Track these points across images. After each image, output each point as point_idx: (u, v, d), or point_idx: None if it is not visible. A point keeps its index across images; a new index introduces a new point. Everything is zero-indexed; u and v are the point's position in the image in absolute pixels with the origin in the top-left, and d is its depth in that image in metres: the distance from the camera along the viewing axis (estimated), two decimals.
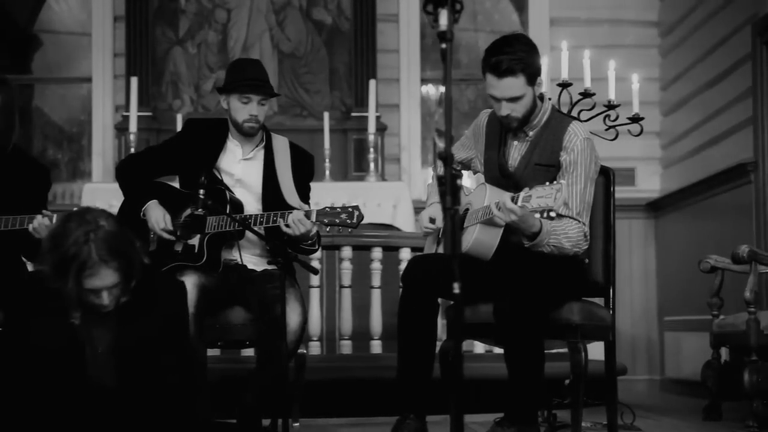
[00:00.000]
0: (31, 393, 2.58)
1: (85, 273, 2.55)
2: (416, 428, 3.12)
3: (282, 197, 3.56)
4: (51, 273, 2.57)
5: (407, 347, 3.17)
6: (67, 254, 2.54)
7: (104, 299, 2.60)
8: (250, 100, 3.60)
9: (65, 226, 2.58)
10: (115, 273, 2.58)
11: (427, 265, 3.21)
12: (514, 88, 3.15)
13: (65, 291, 2.56)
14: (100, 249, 2.55)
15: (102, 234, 2.56)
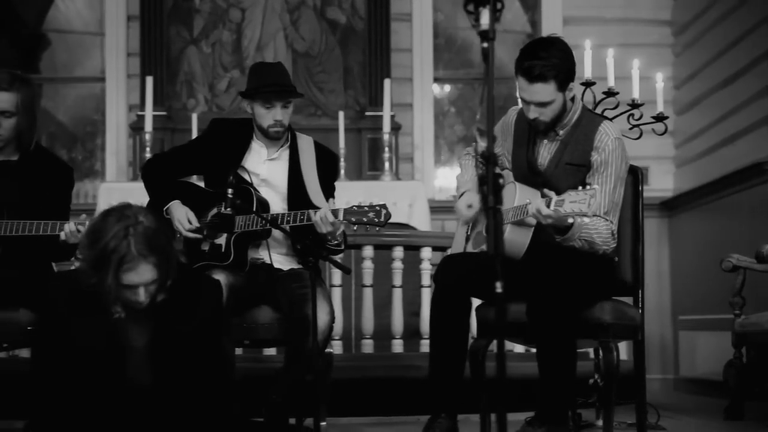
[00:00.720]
0: (71, 392, 2.58)
1: (124, 268, 2.56)
2: (448, 428, 3.12)
3: (308, 197, 3.56)
4: (89, 268, 2.58)
5: (439, 346, 3.17)
6: (107, 249, 2.55)
7: (141, 296, 2.61)
8: (273, 105, 3.60)
9: (105, 221, 2.59)
10: (153, 269, 2.58)
11: (460, 264, 3.22)
12: (544, 94, 3.14)
13: (103, 286, 2.56)
14: (138, 244, 2.55)
15: (141, 229, 2.57)
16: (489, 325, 3.25)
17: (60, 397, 2.60)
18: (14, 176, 3.60)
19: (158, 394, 2.66)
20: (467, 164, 3.55)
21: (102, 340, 2.58)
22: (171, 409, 2.67)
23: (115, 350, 2.59)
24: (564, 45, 3.21)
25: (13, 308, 3.53)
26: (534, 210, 2.96)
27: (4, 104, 3.49)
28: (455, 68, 8.12)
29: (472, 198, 3.34)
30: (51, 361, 2.62)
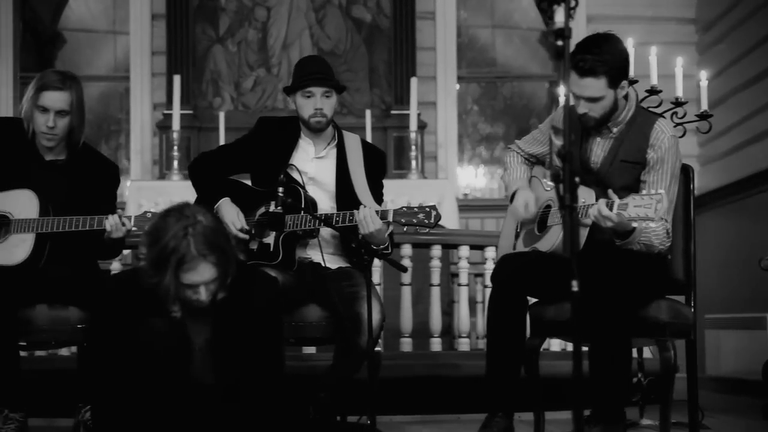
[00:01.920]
0: (136, 392, 2.59)
1: (184, 267, 2.56)
2: (504, 427, 3.12)
3: (356, 196, 3.56)
4: (150, 268, 2.59)
5: (496, 346, 3.17)
6: (166, 249, 2.55)
7: (201, 294, 2.61)
8: (312, 94, 3.60)
9: (164, 221, 2.60)
10: (212, 268, 2.59)
11: (516, 263, 3.21)
12: (593, 89, 3.13)
13: (163, 286, 2.57)
14: (198, 243, 2.56)
15: (200, 228, 2.58)
16: (543, 324, 3.25)
17: (124, 397, 2.60)
18: (63, 175, 3.61)
19: (219, 392, 2.67)
20: (513, 162, 3.54)
21: (167, 340, 2.59)
22: (232, 406, 2.67)
23: (180, 349, 2.60)
24: (618, 42, 3.20)
25: (63, 306, 3.55)
26: (596, 213, 2.96)
27: (60, 103, 3.50)
28: (478, 66, 8.12)
29: (527, 196, 3.34)
30: (114, 361, 2.62)
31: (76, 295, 3.53)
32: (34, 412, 3.62)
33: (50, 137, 3.54)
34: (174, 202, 6.03)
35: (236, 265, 2.67)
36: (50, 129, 3.51)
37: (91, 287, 3.49)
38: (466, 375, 4.42)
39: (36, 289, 3.50)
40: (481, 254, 4.67)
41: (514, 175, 3.48)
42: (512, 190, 3.41)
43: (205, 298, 2.63)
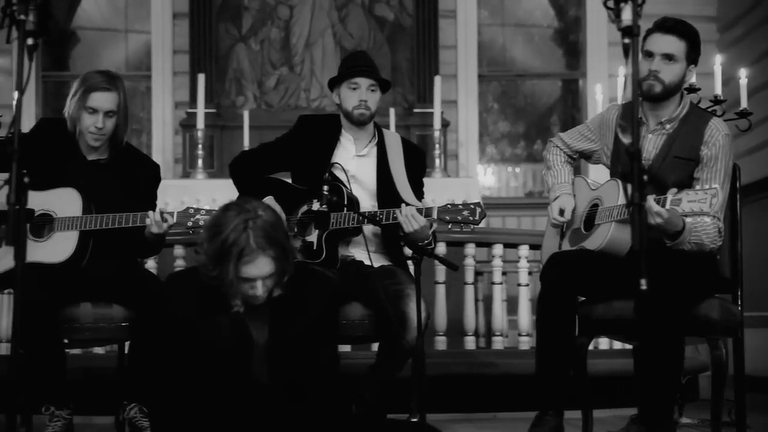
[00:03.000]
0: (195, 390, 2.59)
1: (243, 260, 2.57)
2: (555, 425, 3.12)
3: (398, 194, 3.56)
4: (210, 261, 2.60)
5: (546, 345, 3.17)
6: (227, 242, 2.57)
7: (258, 289, 2.61)
8: (358, 85, 3.61)
9: (225, 215, 2.62)
10: (271, 262, 2.60)
11: (566, 262, 3.21)
12: (674, 46, 3.19)
13: (224, 279, 2.58)
14: (258, 237, 2.58)
15: (260, 223, 2.59)
16: (591, 323, 3.24)
17: (185, 395, 2.60)
18: (105, 174, 3.62)
19: (276, 391, 2.67)
20: (557, 161, 3.54)
21: (229, 337, 2.59)
22: (288, 405, 2.68)
23: (242, 347, 2.60)
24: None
25: (107, 304, 3.56)
26: (647, 210, 2.96)
27: (108, 104, 3.52)
28: (498, 65, 8.11)
29: (565, 203, 3.35)
30: (176, 359, 2.62)
31: (119, 293, 3.54)
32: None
33: (98, 137, 3.55)
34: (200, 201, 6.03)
35: (293, 263, 2.67)
36: (99, 130, 3.53)
37: (135, 285, 3.51)
38: (501, 373, 4.43)
39: (80, 287, 3.51)
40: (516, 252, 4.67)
41: (558, 178, 3.49)
42: (555, 196, 3.43)
43: (261, 293, 2.63)
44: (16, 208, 2.11)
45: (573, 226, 3.40)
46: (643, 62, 3.26)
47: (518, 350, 4.61)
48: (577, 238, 3.33)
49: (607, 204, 3.22)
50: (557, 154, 3.56)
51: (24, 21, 2.12)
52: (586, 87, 7.69)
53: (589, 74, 7.66)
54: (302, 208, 3.59)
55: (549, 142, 3.63)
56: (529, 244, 4.64)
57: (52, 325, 3.40)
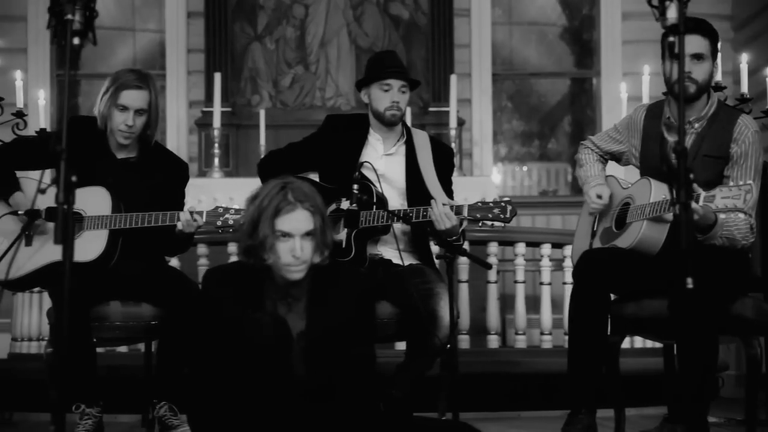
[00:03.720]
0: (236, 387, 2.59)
1: (281, 214, 2.60)
2: (588, 424, 3.12)
3: (427, 192, 3.57)
4: (248, 228, 2.63)
5: (578, 343, 3.17)
6: (265, 201, 2.61)
7: (297, 249, 2.61)
8: (390, 87, 3.61)
9: (264, 186, 2.68)
10: (309, 217, 2.63)
11: (598, 259, 3.21)
12: (701, 46, 3.22)
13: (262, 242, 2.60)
14: (295, 192, 2.62)
15: (297, 184, 2.64)
16: (623, 321, 3.24)
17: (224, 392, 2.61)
18: (134, 173, 3.63)
19: (311, 385, 2.68)
20: (589, 159, 3.56)
21: (269, 335, 2.59)
22: (325, 401, 2.68)
23: (283, 344, 2.60)
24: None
25: (136, 303, 3.57)
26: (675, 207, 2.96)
27: (139, 102, 3.52)
28: (510, 64, 8.11)
29: (601, 189, 3.36)
30: (217, 356, 2.62)
31: (148, 291, 3.55)
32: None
33: (128, 135, 3.56)
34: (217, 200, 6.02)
35: (332, 241, 2.70)
36: (129, 128, 3.53)
37: (164, 284, 3.52)
38: (525, 372, 4.43)
39: (109, 285, 3.52)
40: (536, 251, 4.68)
41: (590, 171, 3.51)
42: (590, 187, 3.42)
43: (301, 253, 2.62)
44: (65, 207, 2.11)
45: (604, 225, 3.41)
46: (671, 63, 3.27)
47: (541, 349, 4.61)
48: (608, 237, 3.34)
49: (638, 202, 3.23)
50: (588, 154, 3.58)
51: (71, 21, 2.12)
52: (600, 85, 7.69)
53: (603, 73, 7.65)
54: (331, 206, 3.59)
55: (581, 145, 3.65)
56: (551, 242, 4.64)
57: (84, 323, 3.41)
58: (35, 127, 5.23)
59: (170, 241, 3.62)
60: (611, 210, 3.41)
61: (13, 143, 3.78)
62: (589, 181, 3.46)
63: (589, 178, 3.48)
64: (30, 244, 3.56)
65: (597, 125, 7.74)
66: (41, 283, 3.70)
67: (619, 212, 3.35)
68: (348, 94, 7.26)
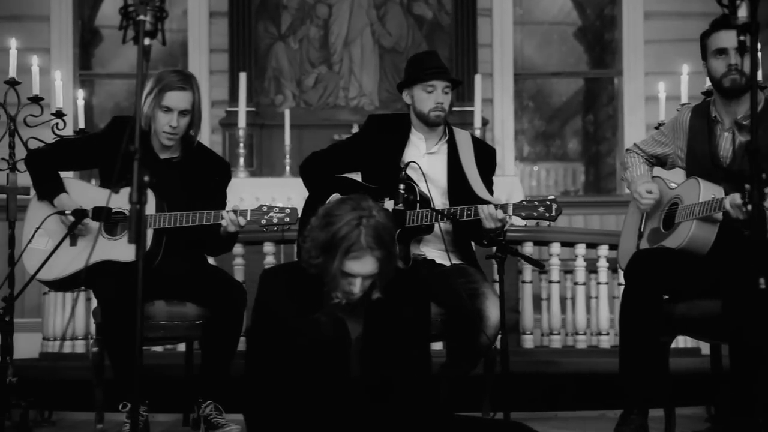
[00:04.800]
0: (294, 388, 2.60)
1: (350, 255, 2.58)
2: (640, 424, 3.12)
3: (470, 191, 3.57)
4: (317, 248, 2.62)
5: (630, 343, 3.16)
6: (338, 234, 2.58)
7: (356, 287, 2.62)
8: (434, 88, 3.62)
9: (340, 208, 2.63)
10: (375, 263, 2.61)
11: (650, 260, 3.21)
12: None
13: (326, 270, 2.59)
14: (368, 236, 2.59)
15: (374, 222, 2.60)
16: (673, 321, 3.24)
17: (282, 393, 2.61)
18: (177, 173, 3.64)
19: (368, 386, 2.68)
20: (635, 161, 3.56)
21: (328, 337, 2.59)
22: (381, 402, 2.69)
23: (341, 346, 2.60)
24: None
25: (180, 302, 3.57)
26: (728, 205, 2.96)
27: (183, 103, 3.53)
28: (534, 63, 8.12)
29: (651, 185, 3.36)
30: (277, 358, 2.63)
31: (193, 291, 3.56)
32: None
33: (171, 136, 3.56)
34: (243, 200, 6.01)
35: (395, 270, 2.68)
36: (173, 129, 3.54)
37: (208, 283, 3.52)
38: (562, 372, 4.43)
39: (153, 285, 3.52)
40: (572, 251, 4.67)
41: (636, 172, 3.51)
42: (643, 180, 3.43)
43: (358, 291, 2.64)
44: (138, 207, 2.11)
45: (651, 225, 3.41)
46: (715, 61, 3.27)
47: (576, 349, 4.61)
48: (656, 238, 3.33)
49: (687, 202, 3.23)
50: (634, 157, 3.59)
51: (143, 21, 2.13)
52: (622, 85, 7.69)
53: (625, 72, 7.65)
54: None
55: (627, 151, 3.65)
56: (585, 242, 4.64)
57: (131, 322, 3.40)
58: (69, 128, 5.24)
59: (214, 240, 3.63)
60: (658, 210, 3.41)
61: (57, 145, 3.79)
62: (636, 180, 3.47)
63: (635, 178, 3.48)
64: (75, 244, 3.57)
65: (619, 125, 7.73)
66: (85, 282, 3.70)
67: (667, 212, 3.35)
68: (371, 94, 7.27)
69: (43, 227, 3.57)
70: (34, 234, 3.57)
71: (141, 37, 2.12)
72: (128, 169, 3.26)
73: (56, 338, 4.89)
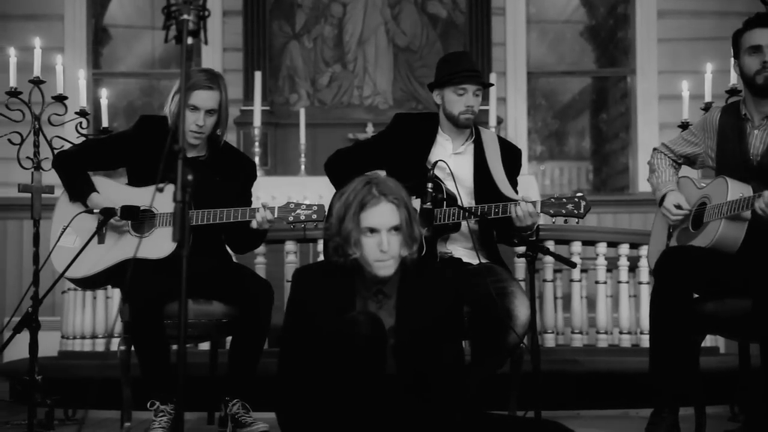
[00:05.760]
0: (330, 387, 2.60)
1: (366, 207, 2.63)
2: (671, 423, 3.11)
3: (496, 190, 3.57)
4: (337, 222, 2.65)
5: (661, 342, 3.15)
6: (350, 196, 2.65)
7: (384, 243, 2.63)
8: (465, 91, 3.62)
9: (350, 182, 2.72)
10: (394, 209, 2.64)
11: (679, 258, 3.21)
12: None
13: (350, 235, 2.62)
14: (380, 186, 2.65)
15: (382, 179, 2.68)
16: (703, 320, 3.23)
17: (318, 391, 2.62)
18: (204, 172, 3.64)
19: (404, 382, 2.68)
20: (661, 164, 3.56)
21: (365, 335, 2.60)
22: (415, 397, 2.69)
23: (378, 343, 2.61)
24: None
25: (207, 301, 3.58)
26: (762, 205, 2.97)
27: (210, 102, 3.53)
28: (550, 61, 8.12)
29: (677, 198, 3.38)
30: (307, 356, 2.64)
31: (219, 289, 3.57)
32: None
33: (197, 135, 3.57)
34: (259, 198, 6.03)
35: (420, 237, 2.71)
36: (199, 128, 3.54)
37: (235, 282, 3.53)
38: (584, 371, 4.43)
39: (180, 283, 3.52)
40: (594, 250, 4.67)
41: (662, 177, 3.52)
42: (662, 194, 3.45)
43: (388, 248, 2.63)
44: (182, 205, 2.12)
45: (681, 225, 3.41)
46: (749, 58, 3.28)
47: (598, 347, 4.61)
48: (685, 237, 3.34)
49: (715, 201, 3.23)
50: (661, 159, 3.59)
51: (186, 21, 2.13)
52: (635, 83, 7.69)
53: (638, 71, 7.65)
54: None
55: (654, 150, 3.65)
56: (606, 241, 4.64)
57: (159, 320, 3.42)
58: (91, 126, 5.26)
59: (242, 237, 3.64)
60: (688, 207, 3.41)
61: (84, 146, 3.80)
62: (661, 188, 3.49)
63: (660, 185, 3.50)
64: (103, 242, 3.58)
65: (631, 124, 7.73)
66: (113, 280, 3.71)
67: (696, 212, 3.36)
68: (385, 93, 7.27)
69: (70, 225, 3.58)
70: (62, 232, 3.59)
71: (184, 36, 2.12)
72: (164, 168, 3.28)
73: (75, 336, 4.90)
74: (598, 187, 8.26)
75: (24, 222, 7.15)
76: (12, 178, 4.20)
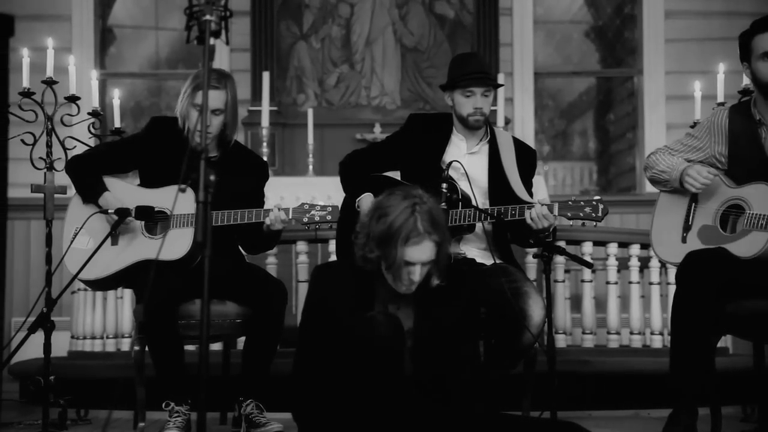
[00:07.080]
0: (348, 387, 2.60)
1: (410, 242, 2.61)
2: (689, 424, 3.10)
3: (510, 191, 3.58)
4: (373, 242, 2.64)
5: (682, 344, 3.11)
6: (394, 224, 2.62)
7: (416, 274, 2.65)
8: (473, 93, 3.62)
9: (392, 198, 2.67)
10: (433, 248, 2.64)
11: (708, 263, 3.16)
12: None
13: (388, 262, 2.61)
14: (424, 221, 2.63)
15: (426, 208, 2.64)
16: (722, 320, 3.20)
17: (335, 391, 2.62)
18: (217, 173, 3.63)
19: (421, 383, 2.69)
20: (663, 155, 3.46)
21: (384, 335, 2.60)
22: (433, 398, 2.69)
23: (397, 344, 2.61)
24: None
25: (221, 301, 3.58)
26: None
27: (215, 102, 3.53)
28: (555, 62, 8.11)
29: (698, 168, 3.30)
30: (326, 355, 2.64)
31: (233, 290, 3.57)
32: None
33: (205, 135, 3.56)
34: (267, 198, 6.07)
35: (449, 256, 2.71)
36: (206, 127, 3.53)
37: (249, 282, 3.53)
38: (595, 371, 4.43)
39: (194, 284, 3.53)
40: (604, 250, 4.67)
41: (670, 161, 3.42)
42: (681, 169, 3.35)
43: (418, 278, 2.66)
44: (205, 206, 2.12)
45: (704, 221, 3.33)
46: (763, 64, 3.25)
47: (609, 348, 4.61)
48: (714, 238, 3.26)
49: (757, 210, 3.18)
50: (661, 153, 3.49)
51: (209, 21, 2.14)
52: (642, 84, 7.69)
53: (645, 71, 7.65)
54: None
55: (651, 154, 3.53)
56: (618, 242, 4.64)
57: (173, 321, 3.42)
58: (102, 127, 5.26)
59: (256, 238, 3.65)
60: (710, 203, 3.33)
61: (98, 149, 3.80)
62: (679, 166, 3.37)
63: (672, 164, 3.40)
64: (116, 243, 3.58)
65: (639, 124, 7.73)
66: (125, 282, 3.71)
67: (725, 212, 3.30)
68: (393, 93, 7.27)
69: (83, 227, 3.58)
70: (76, 234, 3.59)
71: (207, 36, 2.12)
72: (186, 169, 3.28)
73: (86, 336, 4.90)
74: (605, 188, 8.26)
75: (32, 222, 7.15)
76: (23, 178, 4.20)
